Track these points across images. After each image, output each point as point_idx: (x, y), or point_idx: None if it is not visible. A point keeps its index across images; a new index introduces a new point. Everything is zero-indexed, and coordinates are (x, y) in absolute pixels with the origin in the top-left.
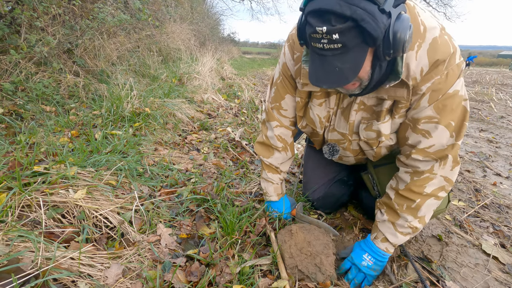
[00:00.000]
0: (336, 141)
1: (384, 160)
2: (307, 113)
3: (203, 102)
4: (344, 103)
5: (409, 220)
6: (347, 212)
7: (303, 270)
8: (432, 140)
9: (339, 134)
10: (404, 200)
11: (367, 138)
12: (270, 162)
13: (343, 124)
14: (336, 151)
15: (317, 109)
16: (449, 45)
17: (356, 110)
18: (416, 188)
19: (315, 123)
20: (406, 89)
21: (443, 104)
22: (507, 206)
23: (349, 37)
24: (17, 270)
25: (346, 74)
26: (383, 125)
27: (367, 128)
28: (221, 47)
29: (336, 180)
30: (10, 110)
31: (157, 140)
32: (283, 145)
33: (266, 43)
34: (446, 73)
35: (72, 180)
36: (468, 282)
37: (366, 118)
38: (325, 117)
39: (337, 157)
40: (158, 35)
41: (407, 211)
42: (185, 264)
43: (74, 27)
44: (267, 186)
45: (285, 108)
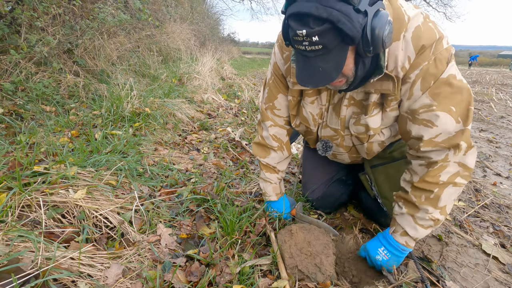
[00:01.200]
0: (329, 137)
1: (380, 160)
2: (300, 111)
3: (203, 102)
4: (335, 99)
5: (430, 212)
6: (347, 212)
7: (303, 270)
8: (437, 129)
9: (331, 130)
10: (421, 192)
11: (357, 133)
12: (267, 162)
13: (334, 119)
14: (329, 147)
15: (310, 107)
16: (434, 31)
17: (346, 106)
18: (431, 178)
19: (309, 120)
20: (391, 81)
21: (437, 90)
22: (507, 206)
23: (328, 38)
24: (17, 270)
25: (329, 73)
26: (371, 118)
27: (356, 122)
28: (221, 47)
29: (334, 180)
30: (10, 110)
31: (157, 140)
32: (279, 144)
33: (266, 43)
34: (434, 58)
35: (72, 180)
36: (468, 282)
37: (356, 113)
38: (318, 114)
39: (330, 153)
40: (158, 35)
41: (426, 202)
42: (185, 264)
43: (74, 27)
44: (266, 186)
45: (279, 108)
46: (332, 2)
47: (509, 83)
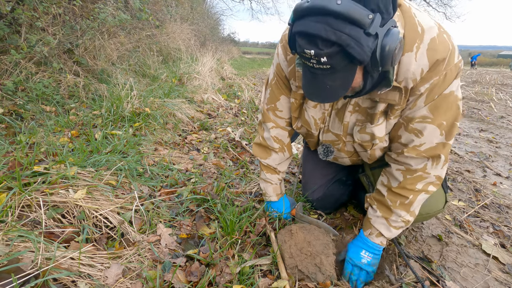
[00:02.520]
0: (331, 142)
1: (380, 162)
2: (302, 114)
3: (203, 102)
4: (338, 104)
5: (402, 215)
6: (347, 212)
7: (303, 270)
8: (423, 138)
9: (333, 135)
10: (397, 197)
11: (361, 141)
12: (268, 163)
13: (337, 125)
14: (330, 152)
15: (312, 111)
16: (448, 44)
17: (350, 112)
18: (409, 186)
19: (310, 124)
20: (398, 92)
21: (438, 104)
22: (507, 206)
23: (337, 60)
24: (17, 270)
25: (336, 91)
26: (377, 128)
27: (361, 130)
28: (221, 47)
29: (335, 180)
30: (10, 110)
31: (157, 140)
32: (280, 146)
33: (266, 43)
34: (444, 74)
35: (72, 180)
36: (468, 282)
37: (361, 120)
38: (320, 119)
39: (331, 158)
40: (158, 35)
41: (400, 207)
42: (185, 264)
43: (74, 27)
44: (266, 187)
45: (281, 109)
46: (341, 25)
47: (509, 83)
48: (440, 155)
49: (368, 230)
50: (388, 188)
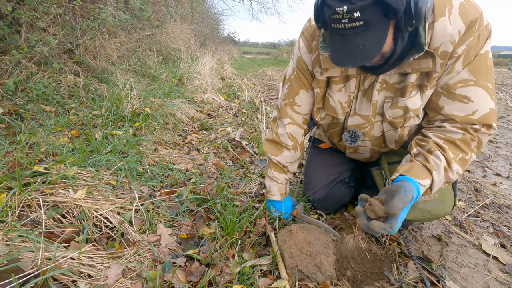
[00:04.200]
0: (357, 126)
1: (399, 157)
2: (326, 102)
3: (203, 102)
4: (365, 85)
5: (459, 172)
6: (347, 212)
7: (303, 270)
8: (473, 105)
9: (361, 118)
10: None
11: (393, 117)
12: (278, 160)
13: (365, 106)
14: (357, 136)
15: (337, 95)
16: (477, 6)
17: (378, 90)
18: (467, 145)
19: (337, 110)
20: (431, 58)
21: (476, 65)
22: (507, 206)
23: (371, 13)
24: (17, 270)
25: (369, 50)
26: (410, 100)
27: (393, 106)
28: (221, 47)
29: (338, 181)
30: (10, 110)
31: (157, 140)
32: (294, 143)
33: (266, 43)
34: (478, 34)
35: (72, 180)
36: (468, 282)
37: (389, 97)
38: (346, 102)
39: (359, 143)
40: (158, 35)
41: (459, 162)
42: (185, 264)
43: (74, 27)
44: (271, 185)
45: (299, 104)
46: None
47: (509, 83)
48: (491, 124)
49: (421, 180)
50: (447, 140)
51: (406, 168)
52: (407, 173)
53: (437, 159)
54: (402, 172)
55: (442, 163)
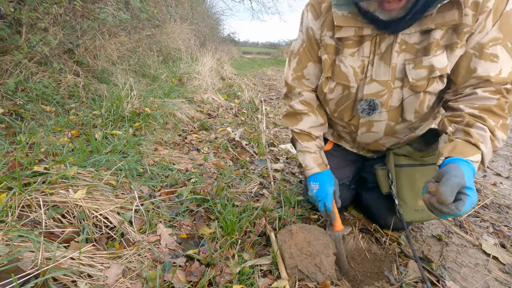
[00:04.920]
0: (374, 95)
1: (408, 161)
2: (336, 70)
3: (203, 102)
4: (382, 48)
5: (503, 139)
6: (347, 212)
7: (303, 270)
8: (501, 64)
9: (379, 84)
10: (499, 118)
11: (416, 79)
12: (300, 128)
13: (383, 70)
14: (376, 105)
15: (349, 60)
16: None
17: (397, 51)
18: (501, 110)
19: (349, 76)
20: (457, 9)
21: (503, 23)
22: (507, 206)
23: None
24: (17, 270)
25: None
26: (435, 58)
27: (417, 66)
28: (221, 47)
29: (339, 184)
30: (10, 110)
31: (157, 140)
32: (309, 108)
33: (266, 43)
34: None
35: (72, 180)
36: (468, 282)
37: (410, 59)
38: (360, 67)
39: (377, 113)
40: (158, 35)
41: (501, 128)
42: (185, 264)
43: (75, 27)
44: (305, 158)
45: (307, 77)
46: None
47: None
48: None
49: (471, 156)
50: (484, 109)
51: (450, 149)
52: (452, 153)
53: (481, 130)
54: (447, 154)
55: (487, 133)
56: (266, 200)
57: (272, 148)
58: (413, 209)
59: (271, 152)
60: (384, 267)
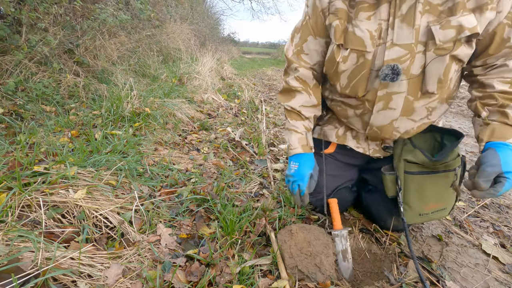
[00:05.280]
0: (396, 61)
1: (419, 168)
2: (349, 36)
3: (203, 102)
4: (403, 9)
5: None
6: (347, 212)
7: (303, 270)
8: None
9: (401, 48)
10: None
11: (443, 41)
12: (291, 105)
13: (406, 32)
14: (399, 70)
15: (365, 24)
16: None
17: (421, 12)
18: None
19: (365, 41)
20: None
21: None
22: (507, 206)
23: None
24: (17, 270)
25: None
26: (464, 17)
27: (444, 26)
28: (221, 47)
29: (341, 188)
30: (10, 110)
31: (157, 140)
32: (303, 86)
33: (266, 43)
34: None
35: (72, 180)
36: (468, 282)
37: (433, 21)
38: (377, 31)
39: (399, 80)
40: (158, 35)
41: None
42: (185, 264)
43: (75, 27)
44: (291, 137)
45: (306, 52)
46: None
47: None
48: None
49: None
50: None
51: (488, 133)
52: (492, 138)
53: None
54: (487, 139)
55: None
56: (266, 200)
57: (272, 148)
58: (418, 213)
59: (271, 152)
60: (384, 267)
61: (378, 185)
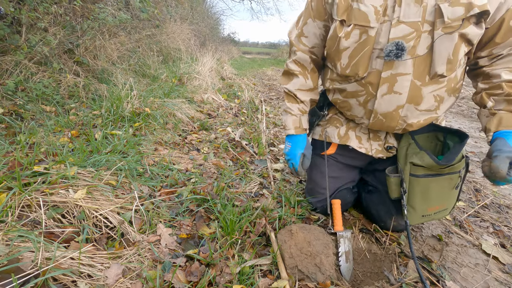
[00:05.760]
0: (402, 38)
1: (425, 171)
2: (352, 12)
3: (203, 102)
4: None
5: None
6: (347, 212)
7: (303, 270)
8: None
9: (407, 26)
10: None
11: (452, 18)
12: (288, 87)
13: (414, 9)
14: (404, 47)
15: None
16: None
17: None
18: None
19: (369, 16)
20: None
21: None
22: (507, 206)
23: None
24: (17, 270)
25: None
26: None
27: (453, 3)
28: (221, 47)
29: (342, 189)
30: (10, 110)
31: (157, 140)
32: (301, 69)
33: (266, 43)
34: None
35: (72, 180)
36: (468, 282)
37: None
38: (382, 6)
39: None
40: (158, 35)
41: None
42: (185, 264)
43: (75, 27)
44: (286, 118)
45: (306, 35)
46: None
47: None
48: None
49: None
50: None
51: (496, 123)
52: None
53: None
54: (494, 129)
55: None
56: (266, 200)
57: (272, 148)
58: (421, 215)
59: (271, 152)
60: (384, 267)
61: (378, 186)
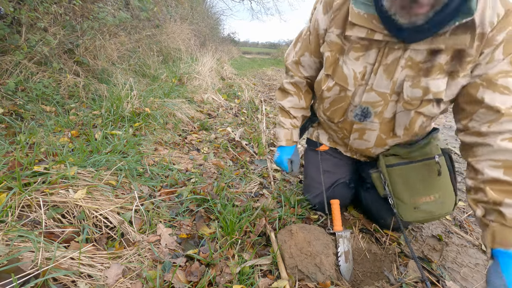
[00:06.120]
0: (371, 104)
1: (398, 160)
2: (337, 70)
3: (203, 102)
4: (388, 59)
5: None
6: (347, 212)
7: (303, 270)
8: None
9: (377, 94)
10: None
11: (410, 97)
12: (282, 104)
13: (385, 83)
14: (369, 113)
15: (353, 63)
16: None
17: (402, 67)
18: None
19: (348, 79)
20: (470, 35)
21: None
22: None
23: None
24: (17, 270)
25: None
26: (433, 82)
27: (414, 85)
28: (221, 47)
29: (338, 183)
30: (10, 110)
31: (157, 140)
32: (296, 90)
33: (266, 43)
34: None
35: (72, 180)
36: (468, 282)
37: (410, 76)
38: (361, 73)
39: (369, 120)
40: (158, 35)
41: None
42: (185, 264)
43: (75, 27)
44: (279, 131)
45: (303, 64)
46: None
47: None
48: None
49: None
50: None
51: (490, 239)
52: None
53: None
54: (490, 245)
55: None
56: (266, 200)
57: (272, 148)
58: (412, 207)
59: (271, 152)
60: (384, 267)
61: None
